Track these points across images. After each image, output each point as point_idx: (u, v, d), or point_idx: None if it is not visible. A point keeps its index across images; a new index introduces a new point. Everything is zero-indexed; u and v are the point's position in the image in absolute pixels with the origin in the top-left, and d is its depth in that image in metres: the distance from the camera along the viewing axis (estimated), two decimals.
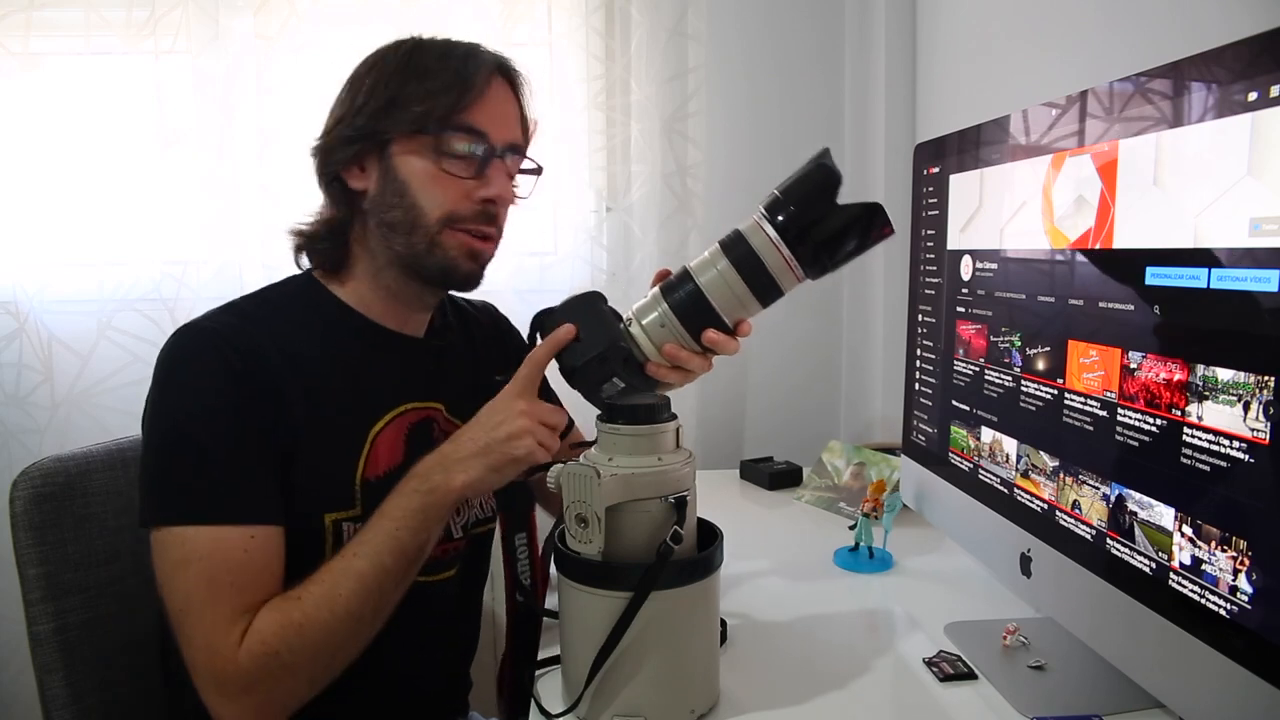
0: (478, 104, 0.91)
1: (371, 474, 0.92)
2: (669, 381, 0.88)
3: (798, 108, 1.82)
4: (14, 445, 1.67)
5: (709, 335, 0.84)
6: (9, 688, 1.67)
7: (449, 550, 0.99)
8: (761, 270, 0.80)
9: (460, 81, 0.90)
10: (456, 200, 0.91)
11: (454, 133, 0.90)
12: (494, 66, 0.94)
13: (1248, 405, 0.60)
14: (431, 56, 0.92)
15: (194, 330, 0.87)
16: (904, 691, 0.87)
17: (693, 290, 0.83)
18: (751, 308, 0.84)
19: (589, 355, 0.85)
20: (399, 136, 0.90)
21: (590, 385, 0.86)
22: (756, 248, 0.80)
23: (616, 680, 0.76)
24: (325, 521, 0.88)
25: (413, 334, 1.00)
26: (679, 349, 0.85)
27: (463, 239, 0.92)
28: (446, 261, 0.92)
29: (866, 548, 1.18)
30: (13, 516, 0.98)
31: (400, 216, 0.91)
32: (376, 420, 0.94)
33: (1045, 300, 0.86)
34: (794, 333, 1.89)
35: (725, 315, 0.83)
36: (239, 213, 1.67)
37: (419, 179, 0.90)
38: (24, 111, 1.65)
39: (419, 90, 0.90)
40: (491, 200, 0.92)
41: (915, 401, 1.17)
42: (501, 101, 0.94)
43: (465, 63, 0.91)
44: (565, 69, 1.72)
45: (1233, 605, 0.62)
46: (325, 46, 1.64)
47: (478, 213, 0.92)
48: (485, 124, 0.91)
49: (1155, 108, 0.71)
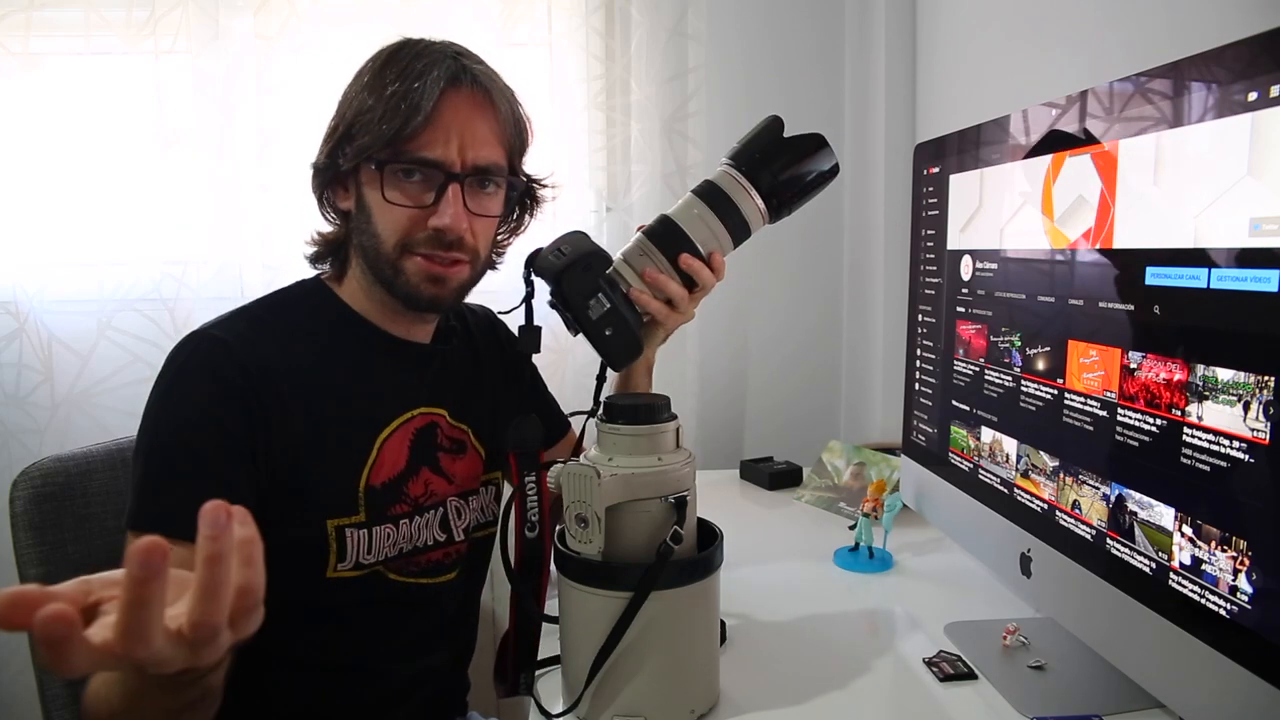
0: (425, 131, 0.87)
1: (375, 480, 0.92)
2: (652, 311, 0.91)
3: (798, 108, 1.81)
4: (14, 445, 1.67)
5: (684, 260, 0.90)
6: (9, 688, 1.67)
7: (451, 553, 0.99)
8: (728, 202, 0.91)
9: (406, 109, 0.86)
10: (409, 229, 0.90)
11: (400, 164, 0.88)
12: (447, 81, 0.88)
13: (1248, 405, 0.60)
14: (388, 77, 0.88)
15: (203, 339, 0.87)
16: (904, 691, 0.87)
17: (668, 221, 0.92)
18: (722, 239, 0.92)
19: (572, 260, 0.88)
20: (360, 165, 0.90)
21: (577, 300, 0.88)
22: (725, 187, 0.91)
23: (616, 680, 0.76)
24: (328, 528, 0.88)
25: (418, 340, 1.00)
26: (657, 273, 0.90)
27: (422, 264, 0.90)
28: (409, 287, 0.91)
29: (866, 548, 1.18)
30: (13, 516, 0.99)
31: (368, 242, 0.92)
32: (383, 428, 0.94)
33: (1045, 300, 0.86)
34: (794, 333, 1.89)
35: (698, 243, 0.91)
36: (239, 213, 1.67)
37: (377, 208, 0.90)
38: (24, 111, 1.64)
39: (367, 120, 0.88)
40: (442, 231, 0.89)
41: (915, 401, 1.17)
42: (460, 120, 0.89)
43: (414, 84, 0.87)
44: (565, 69, 1.72)
45: (1233, 605, 0.62)
46: (325, 46, 1.64)
47: (432, 239, 0.90)
48: (436, 151, 0.88)
49: (1155, 108, 0.71)
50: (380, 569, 0.92)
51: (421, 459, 0.96)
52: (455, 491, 1.00)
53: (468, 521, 1.01)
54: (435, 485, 0.98)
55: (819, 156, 0.91)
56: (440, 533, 0.98)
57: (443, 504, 0.98)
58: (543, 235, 1.04)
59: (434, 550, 0.97)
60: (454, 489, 1.00)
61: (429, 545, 0.97)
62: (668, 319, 0.92)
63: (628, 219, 1.75)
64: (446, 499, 0.99)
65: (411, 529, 0.95)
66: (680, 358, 1.75)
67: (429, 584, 0.96)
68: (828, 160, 0.92)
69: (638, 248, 0.92)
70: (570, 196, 1.72)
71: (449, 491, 0.99)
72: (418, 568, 0.96)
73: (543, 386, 1.22)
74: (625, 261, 0.91)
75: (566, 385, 1.66)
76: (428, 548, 0.97)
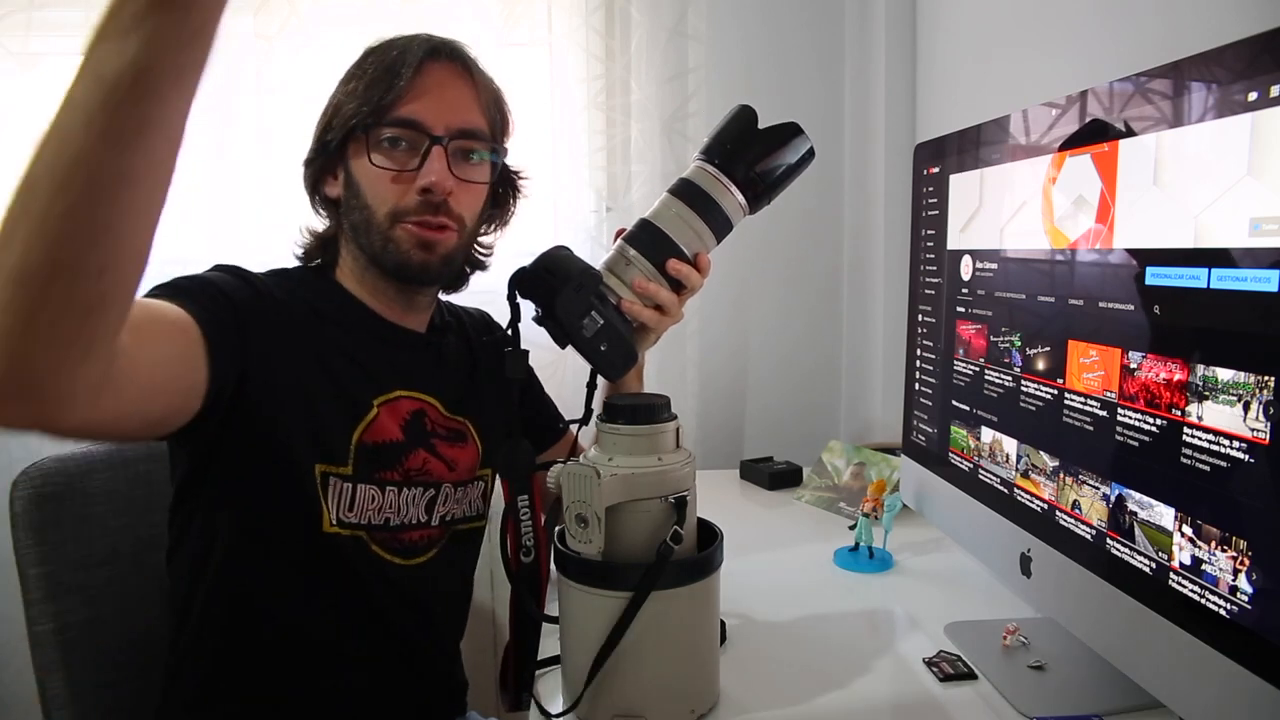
0: (408, 94, 0.90)
1: (369, 439, 0.93)
2: (644, 320, 0.91)
3: (798, 108, 1.80)
4: (14, 445, 1.66)
5: (672, 265, 0.90)
6: (9, 688, 1.67)
7: (424, 536, 0.98)
8: (707, 200, 0.90)
9: (388, 74, 0.90)
10: (399, 194, 0.92)
11: (383, 127, 0.90)
12: (425, 51, 0.92)
13: (1248, 405, 0.60)
14: (373, 55, 0.93)
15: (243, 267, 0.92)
16: (904, 691, 0.87)
17: (649, 226, 0.91)
18: (706, 237, 0.91)
19: (563, 287, 0.87)
20: (348, 140, 0.92)
21: (571, 321, 0.87)
22: (702, 184, 0.90)
23: (616, 680, 0.76)
24: (315, 471, 0.89)
25: (413, 328, 1.02)
26: (647, 282, 0.90)
27: (412, 231, 0.92)
28: (399, 255, 0.93)
29: (866, 548, 1.18)
30: (13, 516, 0.99)
31: (359, 218, 0.94)
32: (381, 393, 0.95)
33: (1045, 300, 0.86)
34: (794, 332, 1.89)
35: (683, 245, 0.91)
36: (239, 213, 1.67)
37: (366, 178, 0.92)
38: (24, 111, 1.64)
39: (354, 90, 0.92)
40: (428, 190, 0.91)
41: (915, 401, 1.17)
42: (441, 86, 0.93)
43: (395, 55, 0.91)
44: (565, 69, 1.72)
45: (1233, 605, 0.62)
46: (325, 46, 1.64)
47: (420, 204, 0.91)
48: (418, 113, 0.91)
49: (1155, 108, 0.71)
50: (363, 536, 0.92)
51: (417, 440, 0.96)
52: (452, 479, 1.00)
53: (450, 511, 1.00)
54: (433, 466, 0.98)
55: (792, 143, 0.91)
56: (424, 513, 0.98)
57: (435, 486, 0.98)
58: (544, 235, 1.04)
59: (414, 530, 0.97)
60: (452, 476, 1.00)
61: (413, 524, 0.97)
62: (659, 324, 0.93)
63: (628, 219, 1.74)
64: (441, 484, 0.99)
65: (399, 501, 0.95)
66: (680, 358, 1.75)
67: (402, 564, 0.96)
68: (801, 146, 0.91)
69: (622, 257, 0.91)
70: (570, 196, 1.73)
71: (446, 477, 1.00)
72: (399, 545, 0.96)
73: (539, 388, 1.22)
74: (612, 273, 0.91)
75: (566, 387, 1.66)
76: (410, 526, 0.97)
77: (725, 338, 1.86)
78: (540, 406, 1.21)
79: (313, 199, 1.00)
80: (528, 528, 0.90)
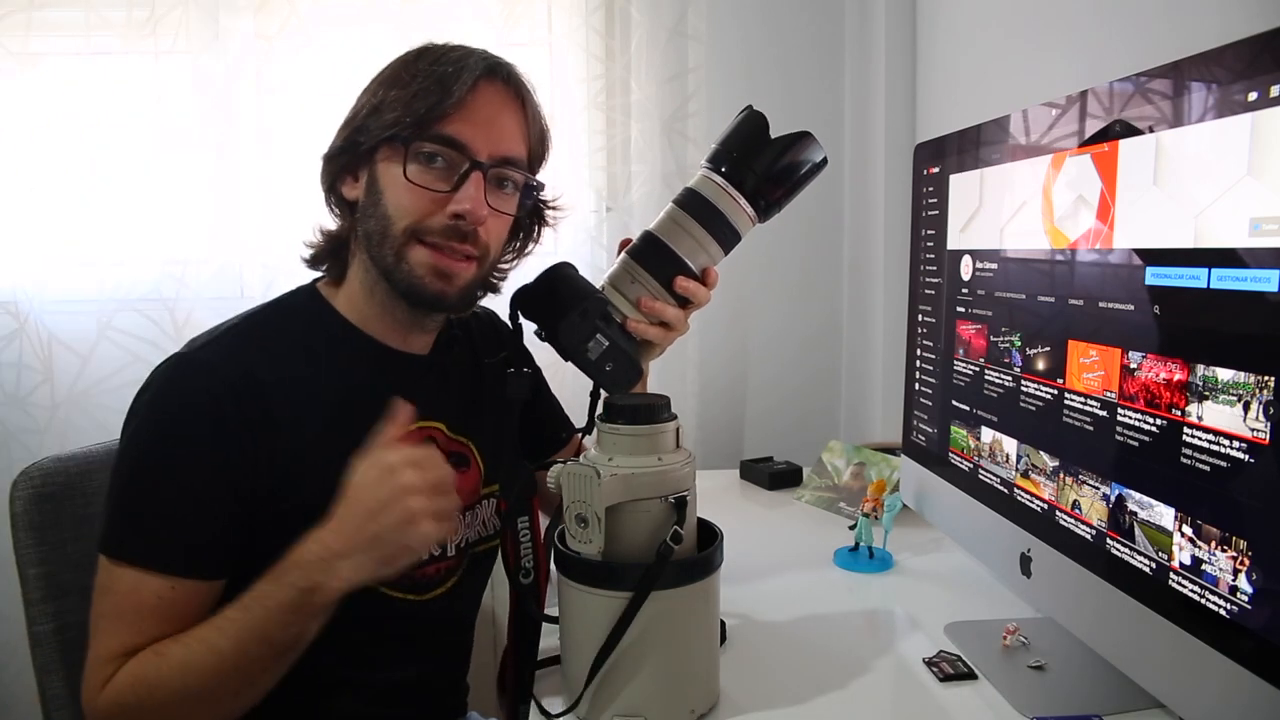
0: (457, 112, 0.85)
1: None
2: (650, 338, 0.89)
3: (798, 108, 1.82)
4: (14, 445, 1.67)
5: (680, 283, 0.88)
6: (9, 688, 1.67)
7: (441, 568, 0.95)
8: (715, 213, 0.87)
9: (440, 87, 0.85)
10: (425, 212, 0.86)
11: (426, 141, 0.85)
12: (483, 71, 0.87)
13: (1248, 405, 0.60)
14: (425, 62, 0.87)
15: (186, 364, 0.85)
16: (904, 691, 0.87)
17: (655, 241, 0.88)
18: (713, 251, 0.89)
19: (568, 313, 0.85)
20: (381, 144, 0.87)
21: (576, 345, 0.86)
22: (709, 196, 0.87)
23: (616, 680, 0.76)
24: None
25: (417, 352, 0.97)
26: (653, 300, 0.88)
27: (430, 255, 0.87)
28: (412, 278, 0.87)
29: (866, 548, 1.18)
30: (13, 516, 0.98)
31: (374, 226, 0.88)
32: None
33: (1045, 300, 0.86)
34: (794, 333, 1.89)
35: (690, 261, 0.88)
36: (239, 213, 1.67)
37: (392, 188, 0.87)
38: (24, 111, 1.64)
39: (400, 96, 0.86)
40: (461, 216, 0.86)
41: (915, 401, 1.17)
42: (491, 110, 0.88)
43: (450, 67, 0.86)
44: (565, 69, 1.72)
45: (1233, 605, 0.62)
46: (325, 46, 1.64)
47: (447, 228, 0.86)
48: (464, 134, 0.86)
49: (1155, 107, 0.71)
50: None
51: None
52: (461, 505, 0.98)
53: (464, 537, 0.98)
54: None
55: (805, 154, 0.87)
56: (435, 546, 0.94)
57: None
58: (544, 235, 1.04)
59: (428, 565, 0.94)
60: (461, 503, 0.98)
61: (428, 559, 0.93)
62: (665, 340, 0.91)
63: (628, 219, 1.75)
64: None
65: None
66: (680, 358, 1.75)
67: (415, 600, 0.93)
68: (815, 155, 0.88)
69: (627, 273, 0.88)
70: (570, 196, 1.72)
71: None
72: (409, 581, 0.92)
73: (547, 392, 1.20)
74: (617, 290, 0.88)
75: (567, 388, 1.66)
76: (425, 561, 0.93)
77: (725, 338, 1.86)
78: (548, 417, 1.19)
79: (328, 197, 0.94)
80: (527, 549, 0.89)
